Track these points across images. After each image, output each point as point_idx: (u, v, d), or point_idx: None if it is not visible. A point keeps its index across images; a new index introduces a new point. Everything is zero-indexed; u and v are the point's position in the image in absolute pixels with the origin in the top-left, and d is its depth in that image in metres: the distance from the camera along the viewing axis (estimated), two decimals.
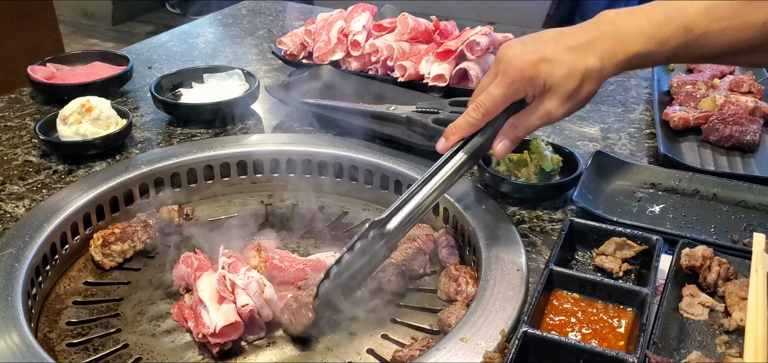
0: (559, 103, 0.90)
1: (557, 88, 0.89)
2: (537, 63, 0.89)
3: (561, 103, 0.90)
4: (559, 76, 0.88)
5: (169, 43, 1.85)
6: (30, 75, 1.46)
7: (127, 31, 5.11)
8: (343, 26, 1.56)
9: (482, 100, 0.93)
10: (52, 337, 0.93)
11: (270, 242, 1.07)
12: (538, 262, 0.95)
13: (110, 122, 1.24)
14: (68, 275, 1.04)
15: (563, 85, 0.89)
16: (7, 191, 1.13)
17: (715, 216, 1.05)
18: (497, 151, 0.95)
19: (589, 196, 1.06)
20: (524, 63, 0.89)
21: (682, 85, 1.46)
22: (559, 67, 0.88)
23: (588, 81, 0.89)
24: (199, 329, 0.89)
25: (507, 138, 0.94)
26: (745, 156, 1.25)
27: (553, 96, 0.90)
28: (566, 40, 0.90)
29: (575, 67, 0.88)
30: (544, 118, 0.92)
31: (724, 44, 0.88)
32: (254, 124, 1.37)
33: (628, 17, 0.90)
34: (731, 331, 0.81)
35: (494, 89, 0.92)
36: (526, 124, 0.93)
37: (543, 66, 0.89)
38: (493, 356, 0.76)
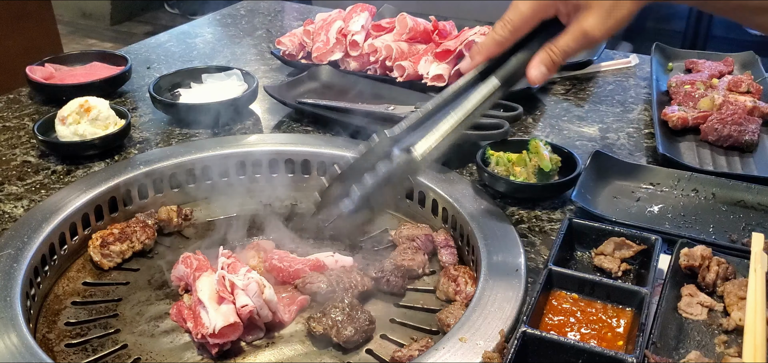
0: (599, 21, 0.81)
1: (594, 5, 0.81)
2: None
3: (600, 20, 0.81)
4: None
5: (167, 43, 1.85)
6: (28, 75, 1.45)
7: (126, 31, 5.11)
8: (341, 26, 1.57)
9: (510, 15, 0.84)
10: (51, 338, 0.93)
11: (269, 242, 1.07)
12: (536, 262, 0.95)
13: (109, 122, 1.24)
14: (67, 276, 1.04)
15: (601, 2, 0.81)
16: (6, 192, 1.13)
17: (714, 216, 1.05)
18: (532, 77, 0.85)
19: (588, 195, 1.06)
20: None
21: (681, 85, 1.46)
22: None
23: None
24: (198, 330, 0.88)
25: (543, 63, 0.84)
26: (743, 156, 1.25)
27: (590, 12, 0.81)
28: None
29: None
30: (581, 39, 0.83)
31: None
32: (253, 124, 1.37)
33: None
34: (730, 331, 0.81)
35: (523, 5, 0.83)
36: (563, 46, 0.83)
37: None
38: (492, 356, 0.76)
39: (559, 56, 0.84)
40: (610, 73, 1.64)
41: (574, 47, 0.83)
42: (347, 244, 1.11)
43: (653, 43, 1.67)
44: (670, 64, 1.64)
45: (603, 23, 0.82)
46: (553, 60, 0.84)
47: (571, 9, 0.83)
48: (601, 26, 0.82)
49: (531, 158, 1.11)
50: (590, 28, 0.82)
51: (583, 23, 0.82)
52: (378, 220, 1.18)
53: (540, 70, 0.84)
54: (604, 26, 0.82)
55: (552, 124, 1.36)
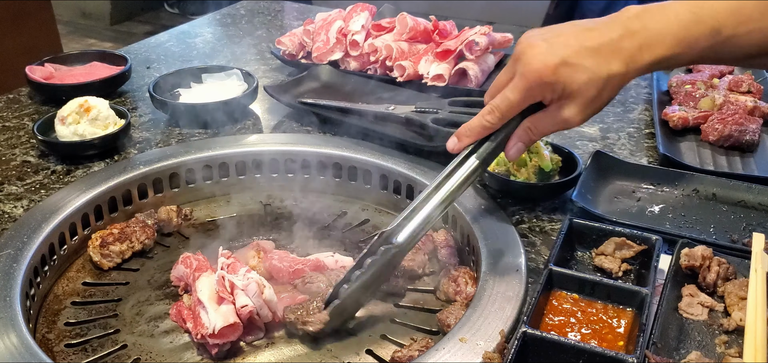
0: (578, 111, 0.86)
1: (577, 95, 0.85)
2: (557, 67, 0.83)
3: (580, 110, 0.86)
4: (580, 82, 0.84)
5: (167, 43, 1.85)
6: (28, 75, 1.45)
7: (126, 31, 5.11)
8: (341, 26, 1.56)
9: (498, 103, 0.88)
10: (51, 338, 0.92)
11: (269, 243, 1.07)
12: (537, 262, 0.95)
13: (108, 122, 1.24)
14: (67, 276, 1.04)
15: (584, 93, 0.85)
16: (5, 192, 1.13)
17: (715, 216, 1.04)
18: (511, 155, 0.91)
19: (589, 196, 1.06)
20: (544, 67, 0.84)
21: (682, 85, 1.46)
22: (580, 73, 0.84)
23: (609, 87, 0.85)
24: (198, 330, 0.88)
25: (521, 141, 0.90)
26: (744, 156, 1.25)
27: (572, 103, 0.86)
28: (589, 39, 0.84)
29: (598, 73, 0.84)
30: (561, 124, 0.88)
31: (750, 45, 0.84)
32: (253, 124, 1.37)
33: (656, 16, 0.84)
34: (731, 331, 0.81)
35: (511, 93, 0.87)
36: (542, 127, 0.89)
37: (563, 71, 0.84)
38: (492, 356, 0.76)
39: (537, 136, 0.91)
40: None
41: (551, 130, 0.90)
42: (348, 245, 1.12)
43: None
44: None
45: (582, 112, 0.87)
46: (531, 138, 0.91)
47: (556, 96, 0.87)
48: (580, 115, 0.87)
49: (531, 158, 1.10)
50: (570, 117, 0.87)
51: (564, 111, 0.87)
52: (379, 221, 1.18)
53: (518, 149, 0.91)
54: (582, 115, 0.87)
55: None
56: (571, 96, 0.85)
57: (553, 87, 0.85)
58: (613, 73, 0.84)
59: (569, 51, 0.84)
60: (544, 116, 0.88)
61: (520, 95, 0.87)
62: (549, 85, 0.85)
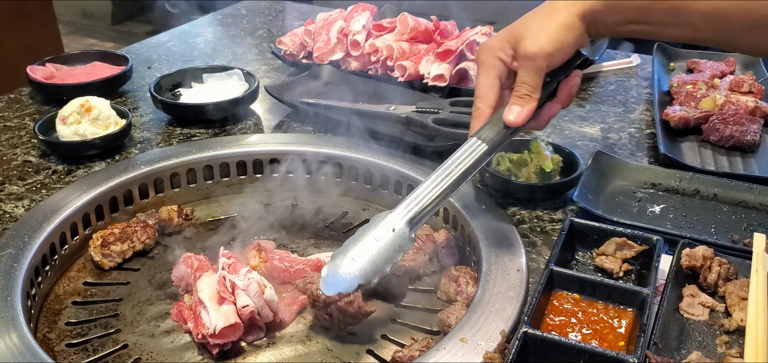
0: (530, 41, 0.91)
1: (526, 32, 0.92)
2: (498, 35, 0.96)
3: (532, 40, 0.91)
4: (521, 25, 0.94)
5: (168, 43, 1.85)
6: (29, 75, 1.45)
7: (127, 30, 5.11)
8: (342, 26, 1.56)
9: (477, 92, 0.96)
10: (52, 338, 0.93)
11: (270, 242, 1.07)
12: (538, 262, 0.95)
13: (109, 122, 1.24)
14: (67, 275, 1.04)
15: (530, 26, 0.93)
16: (7, 191, 1.13)
17: (716, 216, 1.04)
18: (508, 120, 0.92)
19: (590, 196, 1.06)
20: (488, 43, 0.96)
21: (683, 85, 1.46)
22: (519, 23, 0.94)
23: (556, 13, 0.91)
24: (199, 330, 0.88)
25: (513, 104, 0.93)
26: (745, 156, 1.25)
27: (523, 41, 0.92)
28: None
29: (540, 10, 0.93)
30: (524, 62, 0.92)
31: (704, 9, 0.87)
32: (254, 124, 1.37)
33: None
34: (731, 332, 0.81)
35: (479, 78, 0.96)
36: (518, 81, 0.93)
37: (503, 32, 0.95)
38: (493, 356, 0.76)
39: (522, 90, 0.92)
40: (611, 73, 1.63)
41: (525, 75, 0.92)
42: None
43: (655, 44, 1.67)
44: (672, 64, 1.64)
45: (534, 41, 0.91)
46: (517, 97, 0.92)
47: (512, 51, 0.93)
48: (534, 43, 0.90)
49: (532, 158, 1.10)
50: (526, 48, 0.91)
51: (519, 49, 0.92)
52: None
53: (512, 111, 0.92)
54: (537, 42, 0.90)
55: (553, 125, 1.36)
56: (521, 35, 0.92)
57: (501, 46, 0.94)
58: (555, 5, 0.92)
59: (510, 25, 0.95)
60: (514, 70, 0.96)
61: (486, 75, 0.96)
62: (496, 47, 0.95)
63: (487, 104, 0.94)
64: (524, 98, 0.92)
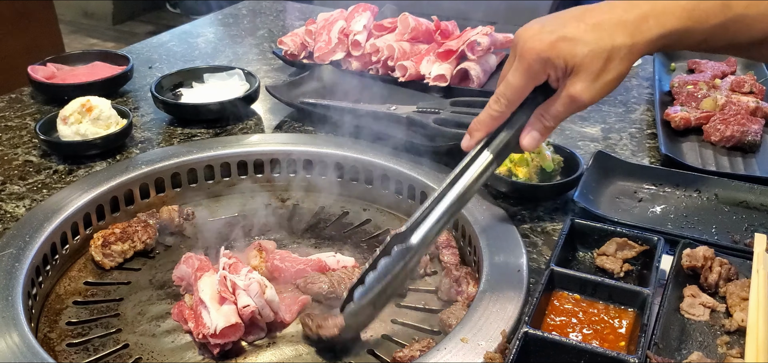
0: (586, 86, 0.81)
1: (581, 69, 0.81)
2: (555, 43, 0.80)
3: (588, 85, 0.81)
4: (582, 55, 0.80)
5: (169, 42, 1.85)
6: (30, 75, 1.45)
7: (128, 30, 5.11)
8: (343, 26, 1.56)
9: (502, 89, 0.85)
10: (52, 337, 0.93)
11: (271, 242, 1.07)
12: (538, 262, 0.95)
13: (110, 122, 1.24)
14: (68, 275, 1.04)
15: (588, 66, 0.80)
16: (8, 191, 1.13)
17: (716, 216, 1.04)
18: (525, 145, 0.86)
19: (590, 196, 1.06)
20: (541, 44, 0.81)
21: (684, 86, 1.46)
22: (581, 46, 0.80)
23: (617, 60, 0.81)
24: (200, 329, 0.88)
25: (535, 129, 0.86)
26: (746, 156, 1.25)
27: (578, 78, 0.81)
28: (589, 17, 0.81)
29: (600, 45, 0.80)
30: (570, 105, 0.83)
31: (759, 30, 0.82)
32: (255, 124, 1.37)
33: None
34: (732, 332, 0.81)
35: (512, 77, 0.84)
36: (554, 113, 0.84)
37: (562, 46, 0.80)
38: (493, 357, 0.76)
39: (551, 122, 0.85)
40: None
41: (564, 113, 0.84)
42: (349, 245, 1.12)
43: None
44: (673, 64, 1.64)
45: (590, 87, 0.82)
46: (545, 125, 0.86)
47: (560, 73, 0.82)
48: (589, 91, 0.82)
49: (533, 158, 1.10)
50: (578, 94, 0.82)
51: (571, 89, 0.82)
52: (380, 221, 1.18)
53: (532, 137, 0.86)
54: (592, 90, 0.82)
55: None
56: (575, 71, 0.81)
57: (554, 63, 0.81)
58: (618, 45, 0.80)
59: (567, 28, 0.81)
60: (554, 99, 0.85)
61: (522, 77, 0.83)
62: (549, 61, 0.81)
63: (510, 109, 0.86)
64: (548, 129, 0.86)
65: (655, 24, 0.81)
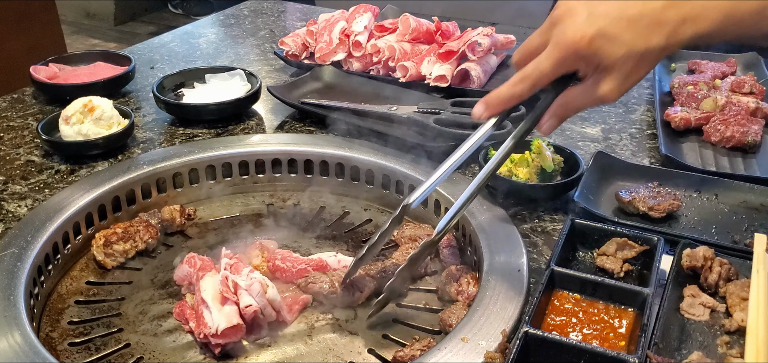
0: (616, 86, 0.82)
1: (613, 70, 0.81)
2: (594, 39, 0.79)
3: (617, 85, 0.82)
4: (617, 56, 0.80)
5: (171, 43, 1.86)
6: (32, 75, 1.46)
7: (129, 31, 5.12)
8: (344, 27, 1.57)
9: (529, 71, 0.84)
10: (54, 337, 0.93)
11: (272, 242, 1.07)
12: (539, 262, 0.95)
13: (112, 122, 1.25)
14: (70, 275, 1.05)
15: (621, 67, 0.80)
16: (10, 191, 1.13)
17: (716, 216, 1.04)
18: (544, 130, 0.87)
19: (591, 196, 1.06)
20: (581, 37, 0.80)
21: (684, 86, 1.46)
22: (618, 47, 0.79)
23: (647, 61, 0.81)
24: (201, 329, 0.89)
25: (556, 116, 0.87)
26: (746, 156, 1.25)
27: (609, 77, 0.81)
28: (630, 7, 0.79)
29: (636, 47, 0.79)
30: (597, 100, 0.84)
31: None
32: (256, 124, 1.37)
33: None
34: (732, 332, 0.81)
35: (545, 61, 0.83)
36: (578, 103, 0.85)
37: (600, 43, 0.80)
38: (494, 356, 0.77)
39: (573, 112, 0.87)
40: None
41: (587, 106, 0.86)
42: (350, 245, 1.12)
43: None
44: (673, 64, 1.64)
45: (620, 87, 0.82)
46: (566, 114, 0.87)
47: (591, 68, 0.82)
48: (618, 90, 0.82)
49: (533, 159, 1.11)
50: (607, 92, 0.82)
51: (602, 86, 0.82)
52: (381, 221, 1.18)
53: (551, 124, 0.87)
54: (620, 90, 0.82)
55: None
56: (607, 70, 0.81)
57: (588, 59, 0.81)
58: (652, 47, 0.80)
59: (608, 20, 0.80)
60: (581, 92, 0.85)
61: (554, 65, 0.83)
62: (585, 57, 0.81)
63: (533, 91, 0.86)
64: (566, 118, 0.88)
65: (691, 26, 0.79)
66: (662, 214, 1.01)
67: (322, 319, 0.95)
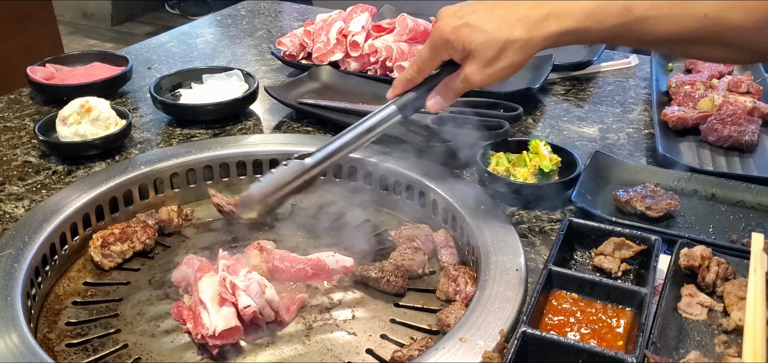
0: (477, 69, 0.92)
1: (476, 55, 0.92)
2: (458, 28, 0.92)
3: (479, 69, 0.92)
4: (478, 42, 0.91)
5: (168, 43, 1.85)
6: (29, 75, 1.46)
7: (127, 31, 5.11)
8: (342, 27, 1.57)
9: (415, 59, 0.99)
10: (52, 338, 0.93)
11: (270, 243, 1.07)
12: (536, 262, 0.95)
13: (109, 123, 1.24)
14: (67, 276, 1.04)
15: (482, 53, 0.91)
16: (7, 192, 1.13)
17: (714, 216, 1.05)
18: (429, 106, 0.99)
19: (588, 196, 1.07)
20: (447, 27, 0.93)
21: (681, 86, 1.46)
22: (478, 34, 0.91)
23: (511, 51, 0.90)
24: (198, 330, 0.89)
25: (438, 93, 0.99)
26: (743, 156, 1.25)
27: (472, 62, 0.93)
28: (496, 9, 0.91)
29: (496, 35, 0.90)
30: (463, 81, 0.95)
31: (664, 31, 0.88)
32: (253, 124, 1.37)
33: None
34: (730, 331, 0.81)
35: (423, 50, 0.97)
36: (452, 85, 0.97)
37: (463, 31, 0.91)
38: (492, 356, 0.77)
39: (451, 94, 0.98)
40: (610, 73, 1.64)
41: (460, 87, 0.96)
42: (348, 245, 1.12)
43: None
44: (670, 64, 1.64)
45: (481, 71, 0.93)
46: (447, 94, 0.98)
47: (459, 54, 0.94)
48: (479, 74, 0.93)
49: (531, 158, 1.11)
50: (470, 75, 0.94)
51: (466, 69, 0.94)
52: (379, 221, 1.18)
53: (436, 101, 0.99)
54: (482, 74, 0.93)
55: (552, 125, 1.36)
56: (471, 55, 0.92)
57: (454, 45, 0.93)
58: (514, 38, 0.90)
59: (476, 16, 0.92)
60: (455, 75, 0.97)
61: (430, 52, 0.97)
62: (450, 42, 0.93)
63: (421, 76, 0.99)
64: (449, 99, 0.99)
65: (554, 23, 0.89)
66: (660, 213, 1.01)
67: (319, 319, 0.95)
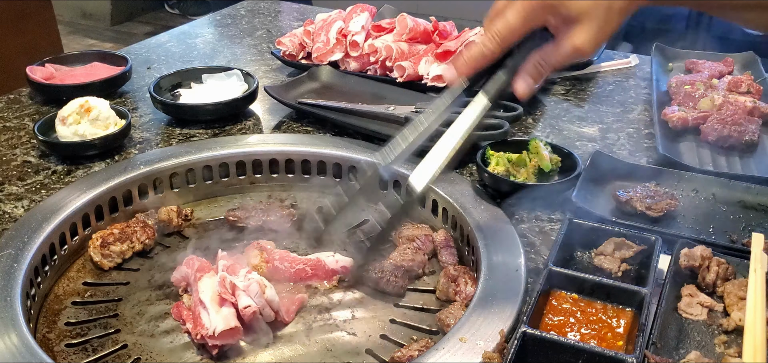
0: (589, 36, 0.80)
1: (584, 19, 0.79)
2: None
3: (591, 35, 0.80)
4: (588, 5, 0.78)
5: (167, 43, 1.85)
6: (29, 75, 1.45)
7: (126, 31, 5.11)
8: (341, 27, 1.57)
9: (498, 26, 0.82)
10: (51, 338, 0.93)
11: (270, 243, 1.07)
12: (536, 262, 0.95)
13: (109, 123, 1.24)
14: (67, 276, 1.04)
15: (591, 14, 0.79)
16: (6, 192, 1.13)
17: (714, 216, 1.05)
18: (519, 89, 0.85)
19: (588, 196, 1.07)
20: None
21: (681, 86, 1.46)
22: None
23: (615, 12, 0.80)
24: (198, 330, 0.89)
25: (530, 76, 0.84)
26: (743, 156, 1.25)
27: (581, 28, 0.80)
28: None
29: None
30: (572, 54, 0.81)
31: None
32: (253, 124, 1.37)
33: None
34: (730, 331, 0.81)
35: (511, 16, 0.81)
36: (553, 61, 0.83)
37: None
38: (492, 356, 0.77)
39: (548, 70, 0.84)
40: (610, 73, 1.64)
41: (563, 61, 0.83)
42: (348, 245, 1.12)
43: (653, 44, 1.67)
44: (670, 64, 1.64)
45: (594, 38, 0.80)
46: (541, 73, 0.84)
47: (560, 20, 0.81)
48: (594, 41, 0.80)
49: (531, 158, 1.11)
50: (581, 44, 0.80)
51: (575, 39, 0.81)
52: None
53: (527, 83, 0.84)
54: (595, 41, 0.80)
55: (552, 125, 1.36)
56: (576, 20, 0.80)
57: (555, 10, 0.80)
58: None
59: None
60: (554, 47, 0.83)
61: (521, 18, 0.81)
62: (551, 7, 0.80)
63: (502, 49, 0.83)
64: (543, 76, 0.84)
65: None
66: (660, 213, 1.01)
67: (319, 319, 0.95)
